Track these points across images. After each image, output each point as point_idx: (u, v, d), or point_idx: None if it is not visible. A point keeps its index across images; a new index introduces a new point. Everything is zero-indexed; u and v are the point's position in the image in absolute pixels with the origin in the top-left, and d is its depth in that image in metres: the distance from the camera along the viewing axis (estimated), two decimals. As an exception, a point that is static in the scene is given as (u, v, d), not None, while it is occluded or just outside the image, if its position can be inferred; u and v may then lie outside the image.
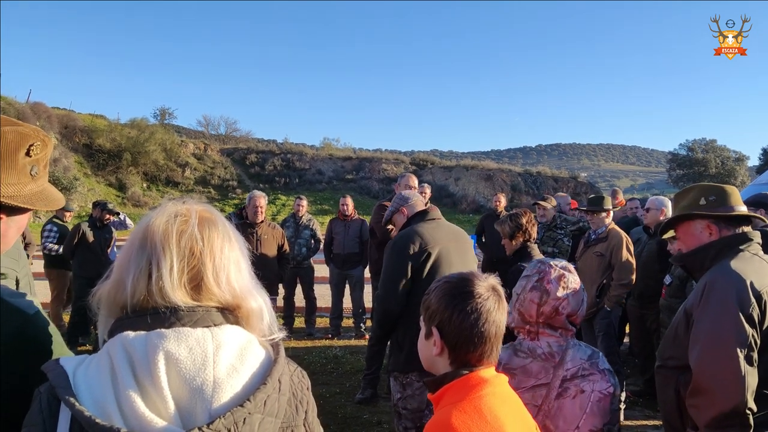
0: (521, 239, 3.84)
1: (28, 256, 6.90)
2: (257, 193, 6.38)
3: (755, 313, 1.93)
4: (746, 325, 1.91)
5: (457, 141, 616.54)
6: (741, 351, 1.91)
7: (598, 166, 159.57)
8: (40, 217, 18.49)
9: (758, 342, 1.94)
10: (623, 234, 4.99)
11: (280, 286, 7.16)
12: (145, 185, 28.33)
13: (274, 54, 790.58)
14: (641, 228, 5.66)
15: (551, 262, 2.03)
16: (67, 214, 7.82)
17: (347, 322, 8.23)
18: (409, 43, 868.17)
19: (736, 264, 2.05)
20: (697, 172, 41.21)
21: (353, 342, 7.49)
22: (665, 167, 57.14)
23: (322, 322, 8.35)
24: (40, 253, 8.05)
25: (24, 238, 6.80)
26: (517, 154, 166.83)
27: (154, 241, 1.10)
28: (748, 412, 1.93)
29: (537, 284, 1.97)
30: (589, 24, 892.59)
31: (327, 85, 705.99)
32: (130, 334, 1.03)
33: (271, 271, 6.11)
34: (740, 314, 1.92)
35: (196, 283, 1.11)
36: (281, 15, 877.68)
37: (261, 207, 6.21)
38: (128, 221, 7.85)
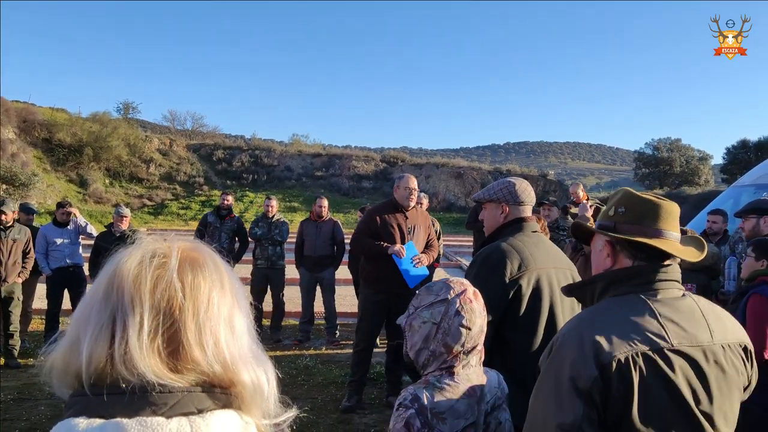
0: None
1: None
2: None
3: (595, 389, 1.33)
4: (578, 405, 1.34)
5: (426, 138, 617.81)
6: None
7: (564, 164, 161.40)
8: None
9: (604, 424, 1.36)
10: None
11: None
12: (107, 181, 27.44)
13: (242, 49, 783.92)
14: None
15: (456, 279, 1.75)
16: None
17: (317, 328, 7.89)
18: (376, 40, 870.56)
19: (595, 314, 1.48)
20: (662, 171, 41.83)
21: (324, 351, 7.11)
22: (630, 166, 58.10)
23: (290, 326, 8.02)
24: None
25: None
26: (485, 152, 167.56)
27: (122, 289, 0.81)
28: None
29: (461, 305, 1.66)
30: (556, 24, 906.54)
31: (296, 81, 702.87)
32: (80, 423, 0.74)
33: None
34: (572, 391, 1.35)
35: (174, 348, 0.81)
36: (248, 11, 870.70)
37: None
38: (90, 228, 7.11)
